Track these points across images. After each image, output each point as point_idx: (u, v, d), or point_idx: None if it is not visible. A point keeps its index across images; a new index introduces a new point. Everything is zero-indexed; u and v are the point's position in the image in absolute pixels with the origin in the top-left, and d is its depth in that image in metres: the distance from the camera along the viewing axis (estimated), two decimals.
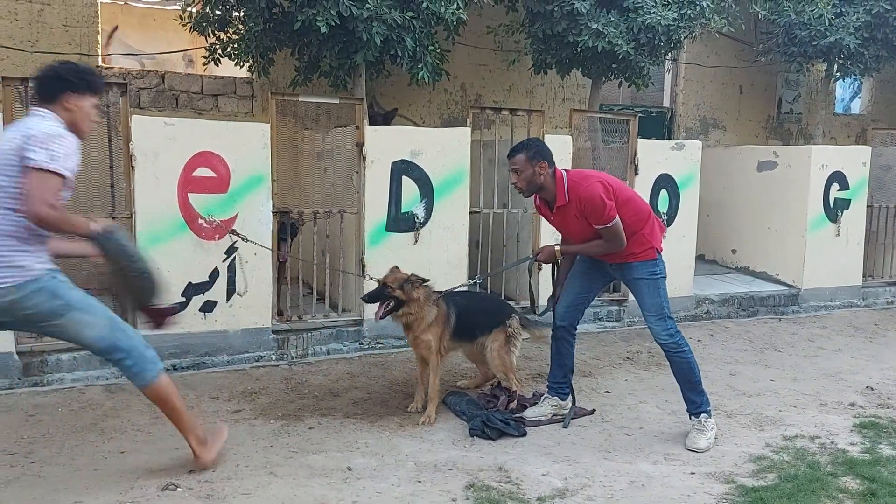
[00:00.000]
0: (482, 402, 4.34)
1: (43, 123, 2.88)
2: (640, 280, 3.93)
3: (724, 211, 8.04)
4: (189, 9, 6.82)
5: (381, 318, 4.11)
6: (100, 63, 7.09)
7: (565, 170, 3.96)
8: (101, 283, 3.26)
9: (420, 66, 6.03)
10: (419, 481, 3.39)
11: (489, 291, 6.10)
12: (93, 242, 2.96)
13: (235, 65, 6.91)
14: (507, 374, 4.39)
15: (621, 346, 5.78)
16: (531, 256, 4.19)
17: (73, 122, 2.98)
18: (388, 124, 6.75)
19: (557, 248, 4.03)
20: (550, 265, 4.23)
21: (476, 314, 4.40)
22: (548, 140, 5.95)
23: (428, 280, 4.20)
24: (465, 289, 4.73)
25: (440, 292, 4.26)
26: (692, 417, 3.97)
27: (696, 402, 3.96)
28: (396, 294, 4.05)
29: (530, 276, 4.49)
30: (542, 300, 4.49)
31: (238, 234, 3.86)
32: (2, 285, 2.81)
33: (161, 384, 3.16)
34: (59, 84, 2.96)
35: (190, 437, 3.32)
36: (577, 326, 4.26)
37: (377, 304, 4.09)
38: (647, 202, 6.27)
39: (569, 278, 4.21)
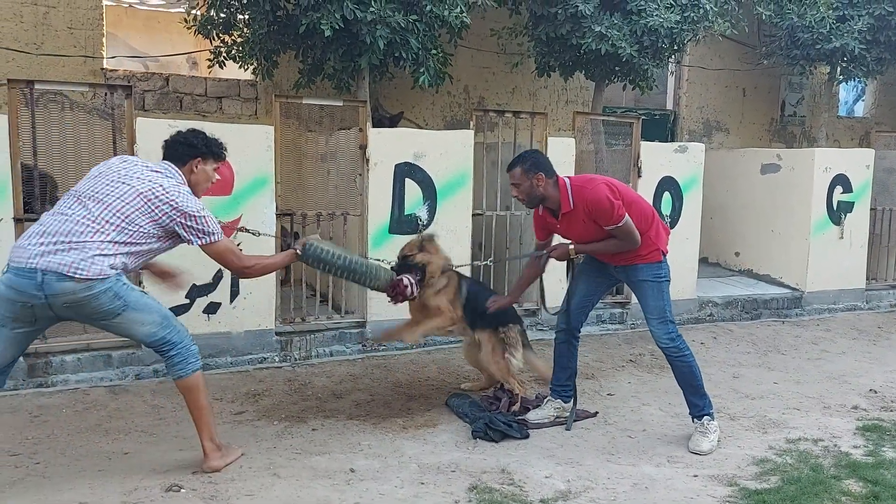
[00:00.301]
0: (485, 404, 4.35)
1: (188, 197, 3.30)
2: (645, 282, 3.93)
3: (728, 214, 8.04)
4: (193, 12, 6.86)
5: (411, 296, 4.06)
6: (104, 65, 7.12)
7: (567, 177, 3.96)
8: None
9: (422, 69, 6.04)
10: (422, 483, 3.40)
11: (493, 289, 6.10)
12: (299, 259, 3.69)
13: (240, 67, 6.94)
14: (506, 378, 4.35)
15: (624, 349, 5.78)
16: (545, 252, 4.19)
17: (195, 184, 3.43)
18: (395, 128, 6.77)
19: (572, 246, 3.99)
20: (565, 265, 4.20)
21: (483, 304, 4.35)
22: (551, 143, 5.97)
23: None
24: (467, 270, 4.74)
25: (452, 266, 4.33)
26: (695, 420, 3.97)
27: (699, 406, 3.96)
28: (418, 258, 4.11)
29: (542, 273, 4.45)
30: (555, 301, 4.46)
31: (248, 230, 3.90)
32: (78, 277, 3.04)
33: (196, 379, 3.36)
34: (188, 150, 3.41)
35: (205, 437, 3.41)
36: (582, 329, 4.26)
37: (395, 294, 4.03)
38: (651, 205, 6.32)
39: (575, 281, 4.21)
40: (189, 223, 3.27)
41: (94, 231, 3.09)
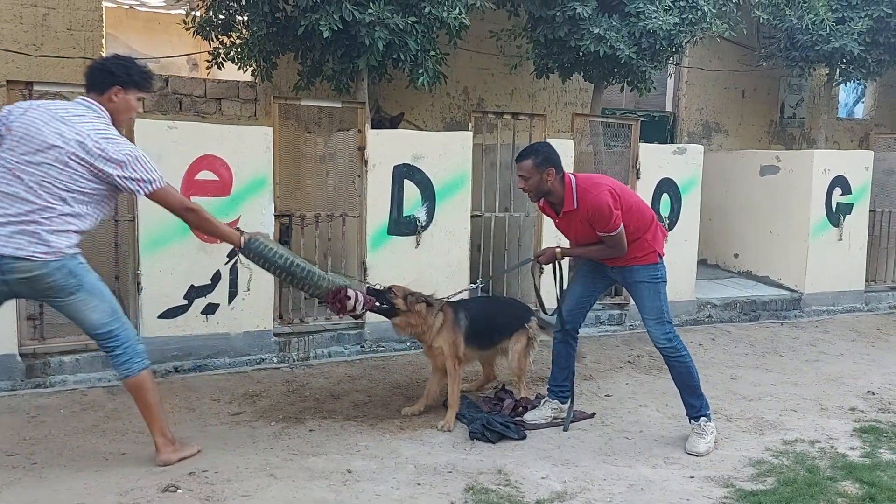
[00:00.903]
0: (487, 405, 4.34)
1: (109, 130, 3.20)
2: (642, 283, 3.94)
3: (727, 215, 8.04)
4: (193, 13, 6.87)
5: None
6: None
7: (574, 174, 3.96)
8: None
9: (420, 71, 6.05)
10: (419, 484, 3.40)
11: (490, 294, 6.11)
12: (240, 251, 3.58)
13: (238, 69, 6.95)
14: (521, 378, 4.42)
15: (622, 350, 5.79)
16: (532, 258, 4.23)
17: (115, 112, 3.29)
18: (395, 129, 6.78)
19: (559, 249, 4.05)
20: (552, 267, 4.22)
21: (494, 318, 4.41)
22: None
23: (432, 298, 4.16)
24: (465, 294, 4.68)
25: (441, 300, 4.22)
26: (692, 421, 3.97)
27: (696, 406, 3.96)
28: (396, 302, 4.03)
29: (534, 278, 4.48)
30: (553, 302, 4.48)
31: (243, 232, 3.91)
32: (33, 258, 3.06)
33: (143, 378, 3.37)
34: (107, 77, 3.25)
35: (156, 433, 3.46)
36: (580, 330, 4.27)
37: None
38: (650, 207, 6.32)
39: (570, 282, 4.22)
40: (125, 174, 3.17)
41: (40, 207, 3.07)
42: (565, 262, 4.26)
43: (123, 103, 3.31)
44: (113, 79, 3.26)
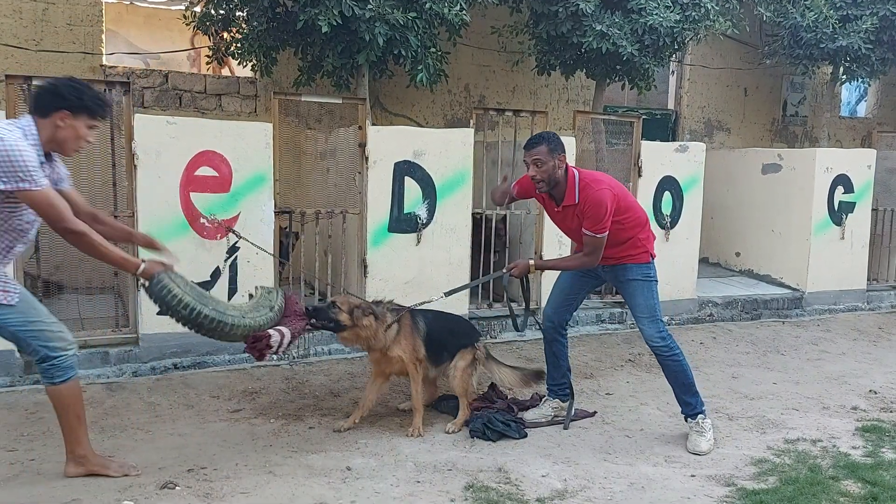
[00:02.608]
0: (478, 404, 4.23)
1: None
2: (634, 281, 3.93)
3: (728, 214, 8.02)
4: (193, 8, 6.84)
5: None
6: (104, 62, 7.11)
7: (576, 169, 3.93)
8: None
9: (420, 67, 6.02)
10: (418, 482, 3.38)
11: (491, 295, 6.09)
12: (143, 287, 3.19)
13: (238, 64, 6.92)
14: (463, 397, 4.07)
15: (623, 348, 5.77)
16: (504, 271, 4.07)
17: (61, 141, 3.00)
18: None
19: (531, 262, 3.97)
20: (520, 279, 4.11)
21: (444, 334, 4.15)
22: None
23: (385, 301, 4.06)
24: (434, 305, 4.23)
25: (401, 308, 4.07)
26: (688, 420, 3.95)
27: (692, 404, 3.94)
28: (341, 318, 3.81)
29: (522, 288, 4.30)
30: (541, 302, 4.46)
31: (235, 233, 3.78)
32: None
33: (68, 388, 3.15)
34: (54, 100, 2.98)
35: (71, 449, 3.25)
36: (567, 326, 4.23)
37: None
38: (648, 202, 6.30)
39: (557, 279, 4.21)
40: None
41: None
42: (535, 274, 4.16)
43: (70, 130, 3.00)
44: (61, 102, 2.97)
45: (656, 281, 3.96)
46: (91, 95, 3.05)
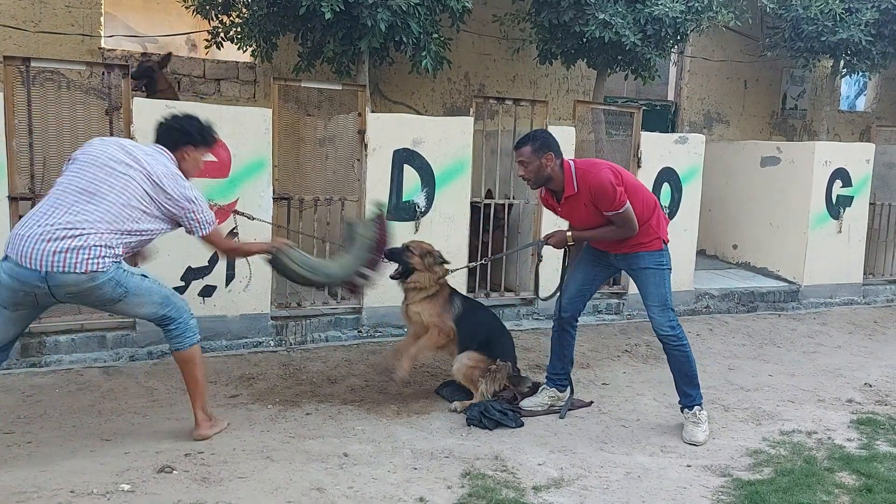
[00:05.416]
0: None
1: (185, 183, 3.36)
2: (647, 270, 3.92)
3: (726, 206, 8.02)
4: None
5: (391, 277, 4.18)
6: (102, 45, 7.05)
7: (572, 159, 3.93)
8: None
9: (424, 53, 5.99)
10: (415, 468, 3.39)
11: (489, 284, 6.08)
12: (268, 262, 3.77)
13: (238, 49, 6.87)
14: (470, 384, 4.13)
15: (620, 339, 5.78)
16: (541, 241, 4.18)
17: (185, 172, 3.43)
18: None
19: (569, 234, 3.98)
20: (562, 252, 4.17)
21: (479, 327, 4.24)
22: (551, 131, 5.91)
23: (449, 262, 4.29)
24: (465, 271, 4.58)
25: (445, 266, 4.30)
26: (684, 410, 3.96)
27: (691, 396, 3.95)
28: (413, 261, 4.14)
29: (538, 263, 4.42)
30: (546, 291, 4.45)
31: (244, 214, 3.90)
32: (80, 270, 3.07)
33: (192, 353, 3.48)
34: (181, 137, 3.41)
35: (198, 408, 3.55)
36: (579, 318, 4.24)
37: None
38: (652, 193, 6.28)
39: (572, 269, 4.19)
40: (189, 213, 3.33)
41: (93, 222, 3.09)
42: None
43: (194, 162, 3.48)
44: (188, 138, 3.42)
45: (669, 269, 3.94)
46: (207, 130, 3.52)
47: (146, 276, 3.37)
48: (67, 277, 3.05)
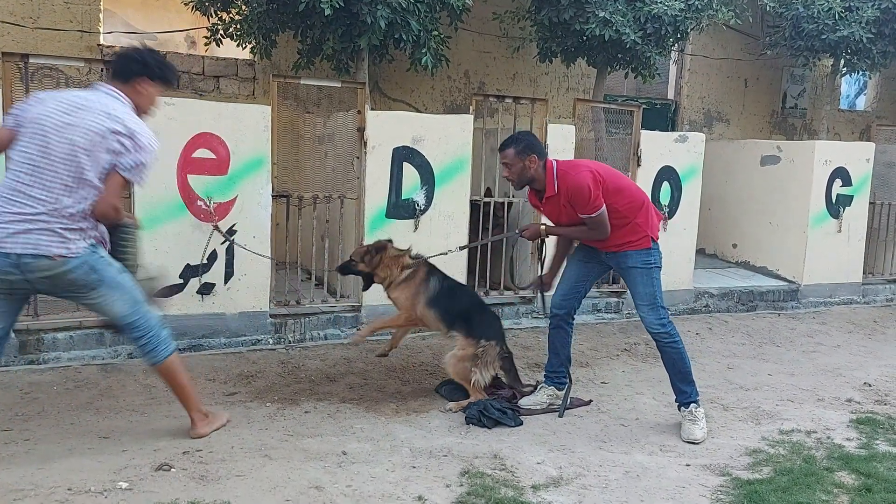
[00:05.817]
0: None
1: (131, 117, 3.08)
2: (634, 269, 3.93)
3: (726, 205, 8.01)
4: None
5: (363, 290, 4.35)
6: (101, 41, 7.03)
7: (556, 160, 3.95)
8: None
9: (423, 51, 5.97)
10: (414, 467, 3.39)
11: (489, 282, 6.08)
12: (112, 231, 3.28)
13: (237, 45, 6.86)
14: (464, 382, 4.11)
15: (619, 338, 5.77)
16: (516, 232, 4.28)
17: (139, 106, 3.18)
18: None
19: (543, 227, 4.05)
20: (538, 246, 4.24)
21: (463, 306, 4.28)
22: (551, 129, 5.92)
23: (405, 249, 4.34)
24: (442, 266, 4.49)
25: (419, 257, 4.36)
26: (681, 408, 3.96)
27: (686, 392, 3.96)
28: (360, 268, 4.28)
29: (541, 260, 4.40)
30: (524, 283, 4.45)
31: (221, 232, 3.94)
32: (50, 255, 2.99)
33: (170, 363, 3.38)
34: (138, 67, 3.15)
35: (191, 410, 3.53)
36: (575, 315, 4.24)
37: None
38: (646, 192, 6.27)
39: (566, 267, 4.20)
40: (128, 144, 3.01)
41: (56, 204, 2.96)
42: (550, 241, 4.19)
43: (148, 97, 3.22)
44: (143, 69, 3.16)
45: (658, 267, 3.94)
46: (168, 64, 3.25)
47: (123, 273, 3.24)
48: (40, 263, 2.97)
